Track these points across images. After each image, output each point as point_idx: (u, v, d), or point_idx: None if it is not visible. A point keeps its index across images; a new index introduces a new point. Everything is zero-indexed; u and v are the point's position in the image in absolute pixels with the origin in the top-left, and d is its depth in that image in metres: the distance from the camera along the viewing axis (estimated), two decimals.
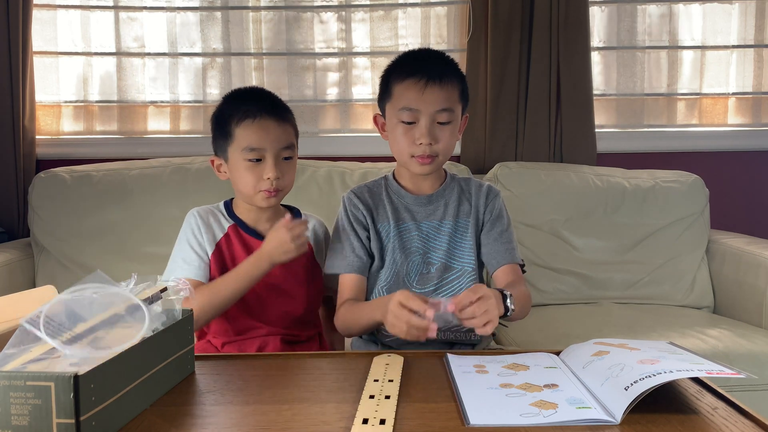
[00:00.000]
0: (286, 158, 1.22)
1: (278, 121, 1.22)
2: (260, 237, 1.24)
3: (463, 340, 1.22)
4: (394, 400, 0.78)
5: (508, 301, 1.04)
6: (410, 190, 1.26)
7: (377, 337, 1.24)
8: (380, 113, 1.27)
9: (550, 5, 2.18)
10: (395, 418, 0.73)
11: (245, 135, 1.19)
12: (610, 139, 2.33)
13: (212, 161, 1.28)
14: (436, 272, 1.22)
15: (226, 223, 1.26)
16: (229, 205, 1.29)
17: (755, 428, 0.70)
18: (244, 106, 1.21)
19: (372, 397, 0.79)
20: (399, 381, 0.86)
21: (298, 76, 2.33)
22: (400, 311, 0.96)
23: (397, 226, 1.24)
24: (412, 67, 1.18)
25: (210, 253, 1.22)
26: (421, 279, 1.22)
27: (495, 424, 0.71)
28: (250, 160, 1.19)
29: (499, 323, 1.03)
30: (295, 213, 1.33)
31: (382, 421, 0.71)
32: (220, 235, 1.24)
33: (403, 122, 1.18)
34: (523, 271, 1.26)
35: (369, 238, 1.24)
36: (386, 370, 0.90)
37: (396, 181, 1.28)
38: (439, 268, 1.22)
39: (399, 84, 1.18)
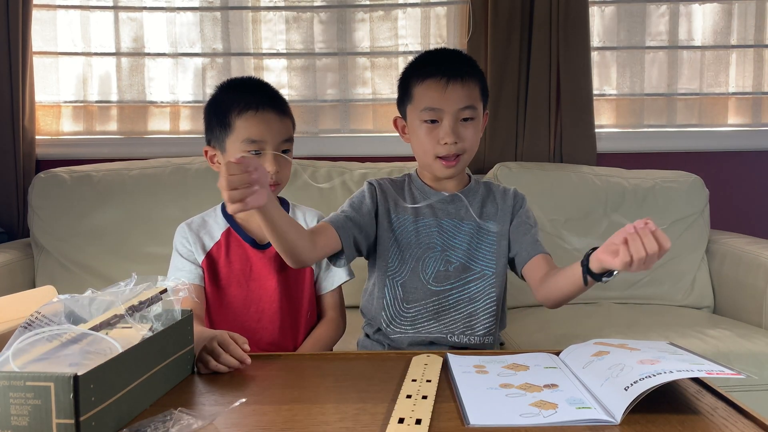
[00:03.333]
0: (284, 151, 1.22)
1: (279, 114, 1.21)
2: (251, 240, 1.24)
3: (476, 345, 1.21)
4: (431, 401, 0.78)
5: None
6: (434, 188, 1.26)
7: (385, 335, 1.24)
8: (401, 116, 1.26)
9: (550, 5, 2.18)
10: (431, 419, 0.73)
11: (246, 126, 1.18)
12: (610, 139, 2.33)
13: (206, 151, 1.26)
14: (454, 271, 1.21)
15: (219, 231, 1.25)
16: (224, 205, 1.28)
17: (755, 428, 0.70)
18: (244, 97, 1.19)
19: (409, 396, 0.79)
20: (437, 381, 0.86)
21: (298, 76, 2.34)
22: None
23: (416, 221, 1.23)
24: (432, 67, 1.17)
25: (200, 260, 1.23)
26: (437, 276, 1.21)
27: (495, 424, 0.71)
28: (249, 153, 1.18)
29: (588, 276, 0.98)
30: (285, 205, 1.31)
31: (418, 421, 0.71)
32: (210, 243, 1.24)
33: (426, 122, 1.17)
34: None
35: (375, 220, 1.22)
36: (425, 370, 0.90)
37: (419, 179, 1.28)
38: (457, 268, 1.21)
39: (419, 85, 1.18)
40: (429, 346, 1.21)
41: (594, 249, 0.97)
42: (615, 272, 0.96)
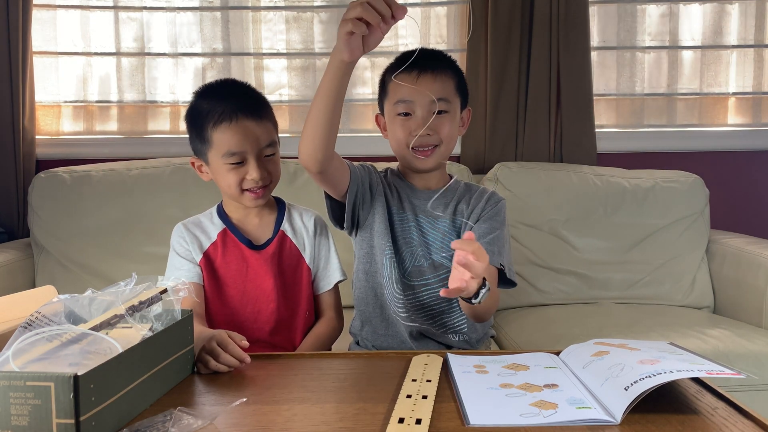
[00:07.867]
0: (268, 155, 1.19)
1: (257, 120, 1.16)
2: (247, 241, 1.24)
3: (452, 343, 1.21)
4: (431, 400, 0.78)
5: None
6: (413, 185, 1.26)
7: (374, 331, 1.24)
8: (381, 114, 1.27)
9: (550, 5, 2.17)
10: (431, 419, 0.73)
11: (224, 140, 1.14)
12: (610, 139, 2.33)
13: (192, 163, 1.24)
14: (429, 268, 1.22)
15: (215, 231, 1.24)
16: (221, 207, 1.28)
17: (755, 428, 0.70)
18: (219, 107, 1.15)
19: (409, 396, 0.79)
20: (437, 381, 0.85)
21: (298, 76, 2.34)
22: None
23: (399, 214, 1.24)
24: (405, 62, 1.19)
25: (198, 260, 1.22)
26: (415, 271, 1.22)
27: (495, 424, 0.71)
28: (231, 164, 1.16)
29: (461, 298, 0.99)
30: (281, 205, 1.30)
31: (418, 421, 0.71)
32: (207, 243, 1.24)
33: (399, 115, 1.19)
34: (507, 281, 1.17)
35: (374, 199, 1.23)
36: (425, 370, 0.90)
37: (400, 174, 1.29)
38: (431, 265, 1.22)
39: (393, 79, 1.20)
40: (419, 339, 1.21)
41: None
42: (482, 292, 0.96)
